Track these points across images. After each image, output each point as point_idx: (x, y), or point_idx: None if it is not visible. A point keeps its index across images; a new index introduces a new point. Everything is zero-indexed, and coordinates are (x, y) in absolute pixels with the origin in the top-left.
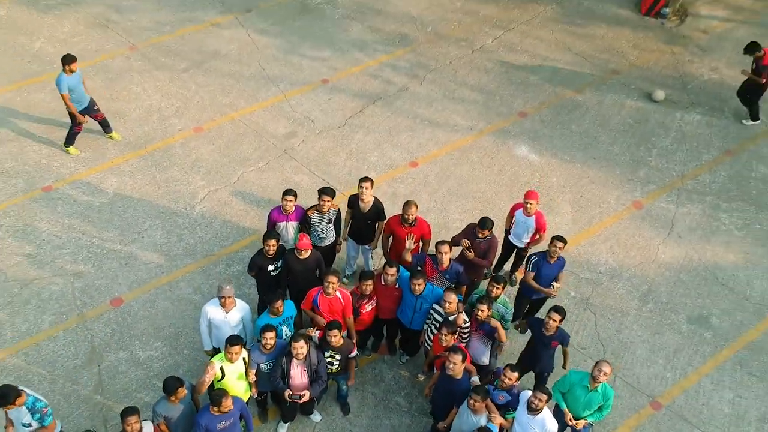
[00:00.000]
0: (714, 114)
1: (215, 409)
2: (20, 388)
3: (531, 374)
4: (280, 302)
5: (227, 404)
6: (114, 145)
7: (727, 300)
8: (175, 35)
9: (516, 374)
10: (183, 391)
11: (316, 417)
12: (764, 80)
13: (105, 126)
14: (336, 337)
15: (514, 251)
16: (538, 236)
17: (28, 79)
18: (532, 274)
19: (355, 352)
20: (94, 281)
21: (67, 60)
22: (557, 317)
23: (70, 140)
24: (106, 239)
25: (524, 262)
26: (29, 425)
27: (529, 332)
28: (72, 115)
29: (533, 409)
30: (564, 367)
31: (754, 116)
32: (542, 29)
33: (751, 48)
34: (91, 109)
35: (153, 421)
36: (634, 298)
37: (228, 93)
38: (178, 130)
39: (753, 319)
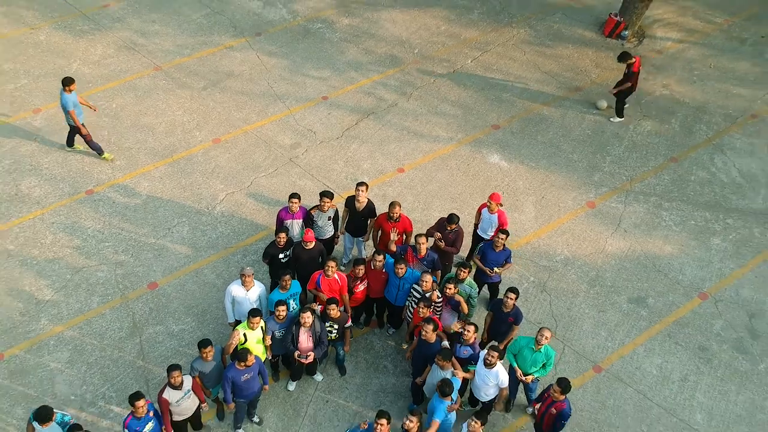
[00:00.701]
0: (663, 125)
1: (241, 364)
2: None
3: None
4: (288, 276)
5: (251, 359)
6: (145, 154)
7: (662, 284)
8: (194, 57)
9: (473, 327)
10: (212, 349)
11: (318, 377)
12: (633, 83)
13: (72, 143)
14: (334, 311)
15: (481, 243)
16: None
17: None
18: (477, 257)
19: (349, 323)
20: (133, 269)
21: (68, 82)
22: (513, 296)
23: (97, 150)
24: (142, 234)
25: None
26: None
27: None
28: (76, 128)
29: (488, 364)
30: (503, 344)
31: (619, 113)
32: (516, 50)
33: (624, 56)
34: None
35: (191, 375)
36: (583, 282)
37: (241, 109)
38: (199, 141)
39: (683, 299)
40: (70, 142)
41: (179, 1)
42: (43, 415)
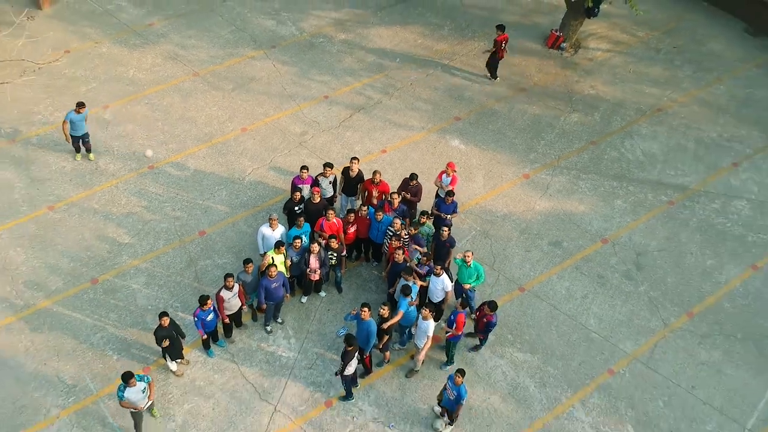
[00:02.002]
0: (587, 117)
1: (269, 275)
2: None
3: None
4: (302, 219)
5: (274, 270)
6: (190, 140)
7: (574, 233)
8: (224, 65)
9: (426, 258)
10: (252, 266)
11: (322, 293)
12: (495, 50)
13: (88, 150)
14: (334, 243)
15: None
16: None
17: (128, 96)
18: (435, 209)
19: (344, 252)
20: (187, 222)
21: (79, 105)
22: (446, 229)
23: (76, 149)
24: (192, 197)
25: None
26: (145, 390)
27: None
28: (67, 137)
29: (436, 274)
30: (447, 262)
31: (493, 76)
32: (476, 59)
33: (498, 27)
34: (83, 139)
35: (237, 282)
36: (516, 231)
37: (262, 105)
38: (231, 130)
39: (589, 243)
40: (88, 151)
41: (210, 20)
42: (128, 376)
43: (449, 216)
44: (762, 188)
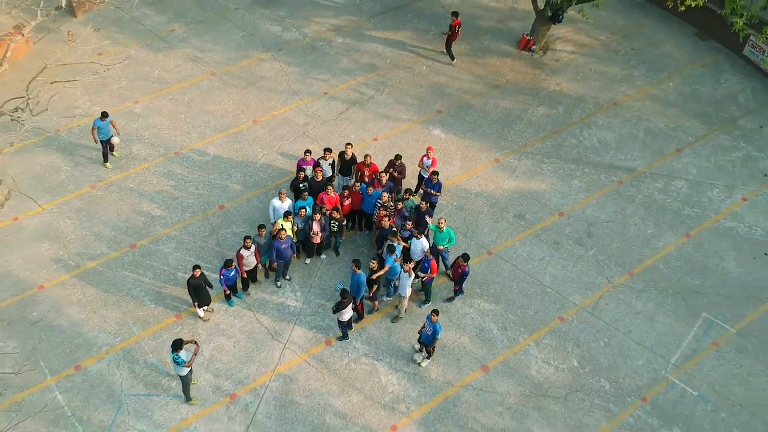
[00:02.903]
0: (551, 110)
1: (279, 238)
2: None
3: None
4: (306, 194)
5: (283, 234)
6: (210, 130)
7: (536, 207)
8: (237, 66)
9: (410, 223)
10: (265, 230)
11: (323, 256)
12: (451, 33)
13: (111, 149)
14: (336, 214)
15: (423, 180)
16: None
17: (154, 93)
18: (424, 187)
19: (344, 222)
20: (209, 198)
21: (103, 114)
22: (424, 202)
23: (105, 157)
24: (212, 178)
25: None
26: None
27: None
28: (104, 143)
29: (416, 237)
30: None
31: (451, 57)
32: (456, 60)
33: (453, 14)
34: (108, 141)
35: (253, 244)
36: (486, 206)
37: (270, 100)
38: (244, 121)
39: (548, 215)
40: (107, 157)
41: (223, 27)
42: (178, 343)
43: (435, 193)
44: (700, 170)
